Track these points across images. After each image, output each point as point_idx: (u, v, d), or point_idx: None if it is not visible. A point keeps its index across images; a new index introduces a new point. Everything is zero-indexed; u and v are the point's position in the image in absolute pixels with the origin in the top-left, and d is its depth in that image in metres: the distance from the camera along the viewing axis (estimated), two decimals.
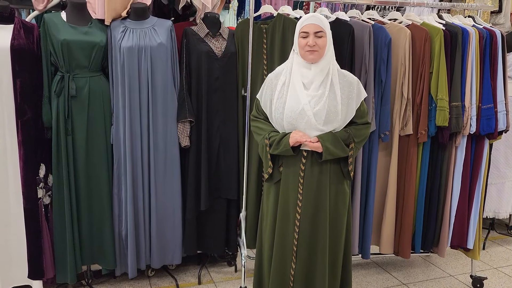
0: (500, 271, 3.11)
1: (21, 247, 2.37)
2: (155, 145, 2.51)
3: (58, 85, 2.29)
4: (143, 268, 2.66)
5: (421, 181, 2.66)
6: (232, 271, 2.97)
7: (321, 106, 1.88)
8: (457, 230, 2.73)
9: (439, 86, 2.49)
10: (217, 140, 2.65)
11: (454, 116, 2.51)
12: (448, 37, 2.50)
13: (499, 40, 2.57)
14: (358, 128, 1.99)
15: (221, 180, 2.70)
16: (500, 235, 3.71)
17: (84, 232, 2.47)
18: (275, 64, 2.50)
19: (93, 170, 2.43)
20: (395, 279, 2.94)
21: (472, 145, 2.67)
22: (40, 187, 2.35)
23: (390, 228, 2.68)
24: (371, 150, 2.59)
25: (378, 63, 2.50)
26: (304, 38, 1.89)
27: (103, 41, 2.36)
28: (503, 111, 2.61)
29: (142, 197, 2.53)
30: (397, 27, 2.56)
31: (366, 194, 2.64)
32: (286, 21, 2.56)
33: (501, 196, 3.41)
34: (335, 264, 2.06)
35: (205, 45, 2.57)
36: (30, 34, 2.26)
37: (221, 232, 2.78)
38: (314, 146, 1.90)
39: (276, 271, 2.04)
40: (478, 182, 2.70)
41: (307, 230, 1.98)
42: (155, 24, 2.48)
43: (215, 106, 2.62)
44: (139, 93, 2.44)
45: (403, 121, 2.56)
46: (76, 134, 2.36)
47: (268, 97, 2.01)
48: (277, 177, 2.02)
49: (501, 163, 3.35)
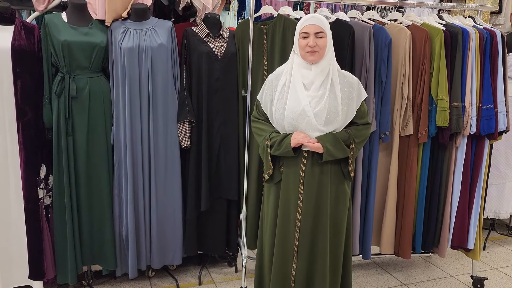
0: (500, 271, 3.11)
1: (21, 248, 2.38)
2: (156, 146, 2.52)
3: (59, 86, 2.29)
4: (144, 269, 2.66)
5: (422, 181, 2.66)
6: (232, 271, 2.97)
7: (321, 106, 1.88)
8: (457, 230, 2.73)
9: (440, 87, 2.49)
10: (217, 140, 2.65)
11: (455, 117, 2.51)
12: (449, 38, 2.50)
13: (499, 41, 2.58)
14: (358, 129, 2.00)
15: (221, 180, 2.71)
16: (500, 235, 3.71)
17: (84, 233, 2.47)
18: (276, 64, 2.50)
19: (93, 171, 2.43)
20: (396, 280, 2.94)
21: (473, 146, 2.67)
22: (41, 188, 2.36)
23: (391, 228, 2.68)
24: (371, 151, 2.59)
25: (379, 63, 2.50)
26: (304, 39, 1.90)
27: (104, 42, 2.37)
28: (503, 111, 2.61)
29: (142, 197, 2.53)
30: (397, 27, 2.56)
31: (366, 195, 2.64)
32: (286, 22, 2.56)
33: (501, 196, 3.40)
34: (336, 264, 2.05)
35: (206, 46, 2.57)
36: (30, 35, 2.27)
37: (221, 232, 2.78)
38: (314, 147, 1.90)
39: (277, 271, 2.04)
40: (478, 182, 2.70)
41: (307, 230, 1.98)
42: (156, 24, 2.49)
43: (215, 107, 2.62)
44: (139, 93, 2.44)
45: (404, 122, 2.56)
46: (76, 135, 2.36)
47: (269, 98, 2.01)
48: (277, 178, 2.03)
49: (501, 163, 3.35)
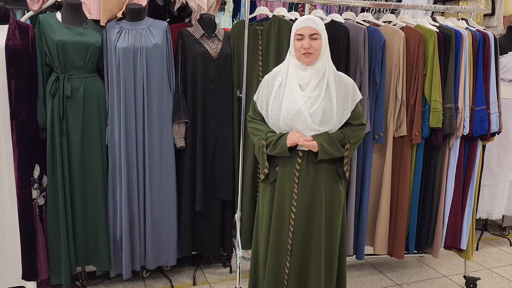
0: (493, 271, 3.13)
1: (15, 248, 2.36)
2: (150, 146, 2.51)
3: (53, 86, 2.28)
4: (138, 270, 2.65)
5: (415, 182, 2.67)
6: (227, 272, 2.97)
7: (317, 107, 1.89)
8: (450, 231, 2.75)
9: (433, 88, 2.51)
10: (212, 141, 2.65)
11: (448, 118, 2.53)
12: (442, 40, 2.52)
13: (492, 43, 2.60)
14: (353, 129, 2.01)
15: (216, 181, 2.70)
16: (493, 236, 3.74)
17: (78, 233, 2.46)
18: (271, 65, 2.51)
19: (88, 171, 2.42)
20: (389, 280, 2.96)
21: (465, 147, 2.69)
22: (35, 188, 2.34)
23: (384, 229, 2.70)
24: (365, 152, 2.61)
25: (373, 65, 2.52)
26: (299, 41, 1.91)
27: (99, 42, 2.36)
28: (495, 112, 2.64)
29: (137, 198, 2.53)
30: (391, 29, 2.58)
31: (360, 195, 2.65)
32: (281, 23, 2.57)
33: (494, 197, 3.43)
34: (331, 265, 2.06)
35: (201, 47, 2.57)
36: (25, 34, 2.26)
37: (216, 233, 2.78)
38: (310, 145, 1.91)
39: (271, 271, 2.05)
40: (471, 183, 2.72)
41: (301, 230, 1.99)
42: (151, 25, 2.48)
43: (210, 107, 2.62)
44: (134, 94, 2.44)
45: (397, 123, 2.58)
46: (71, 135, 2.35)
47: (265, 98, 2.02)
48: (273, 177, 2.03)
49: (494, 164, 3.37)
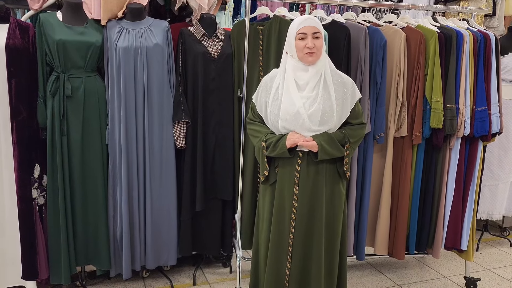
0: (493, 272, 3.13)
1: (15, 248, 2.36)
2: (151, 146, 2.51)
3: (53, 85, 2.28)
4: (138, 269, 2.65)
5: (416, 182, 2.67)
6: (227, 272, 2.97)
7: (316, 107, 1.89)
8: (451, 231, 2.75)
9: (434, 88, 2.50)
10: (212, 141, 2.65)
11: (448, 118, 2.53)
12: (443, 40, 2.51)
13: (493, 43, 2.60)
14: (353, 129, 2.00)
15: (216, 181, 2.70)
16: (493, 236, 3.73)
17: (78, 233, 2.46)
18: (271, 65, 2.50)
19: (88, 171, 2.42)
20: (390, 281, 2.95)
21: (466, 147, 2.69)
22: (35, 188, 2.34)
23: (385, 229, 2.69)
24: (366, 152, 2.60)
25: (374, 65, 2.51)
26: (302, 40, 1.89)
27: (99, 41, 2.36)
28: (496, 113, 2.63)
29: (137, 197, 2.52)
30: (392, 29, 2.58)
31: (361, 196, 2.65)
32: (282, 23, 2.57)
33: (494, 197, 3.42)
34: (332, 265, 2.06)
35: (201, 46, 2.57)
36: (25, 34, 2.26)
37: (216, 233, 2.77)
38: (309, 145, 1.90)
39: (271, 271, 2.04)
40: (471, 184, 2.72)
41: (302, 230, 1.99)
42: (151, 24, 2.48)
43: (211, 107, 2.62)
44: (134, 93, 2.44)
45: (398, 123, 2.57)
46: (71, 135, 2.35)
47: (263, 99, 2.02)
48: (273, 179, 2.03)
49: (494, 165, 3.37)
